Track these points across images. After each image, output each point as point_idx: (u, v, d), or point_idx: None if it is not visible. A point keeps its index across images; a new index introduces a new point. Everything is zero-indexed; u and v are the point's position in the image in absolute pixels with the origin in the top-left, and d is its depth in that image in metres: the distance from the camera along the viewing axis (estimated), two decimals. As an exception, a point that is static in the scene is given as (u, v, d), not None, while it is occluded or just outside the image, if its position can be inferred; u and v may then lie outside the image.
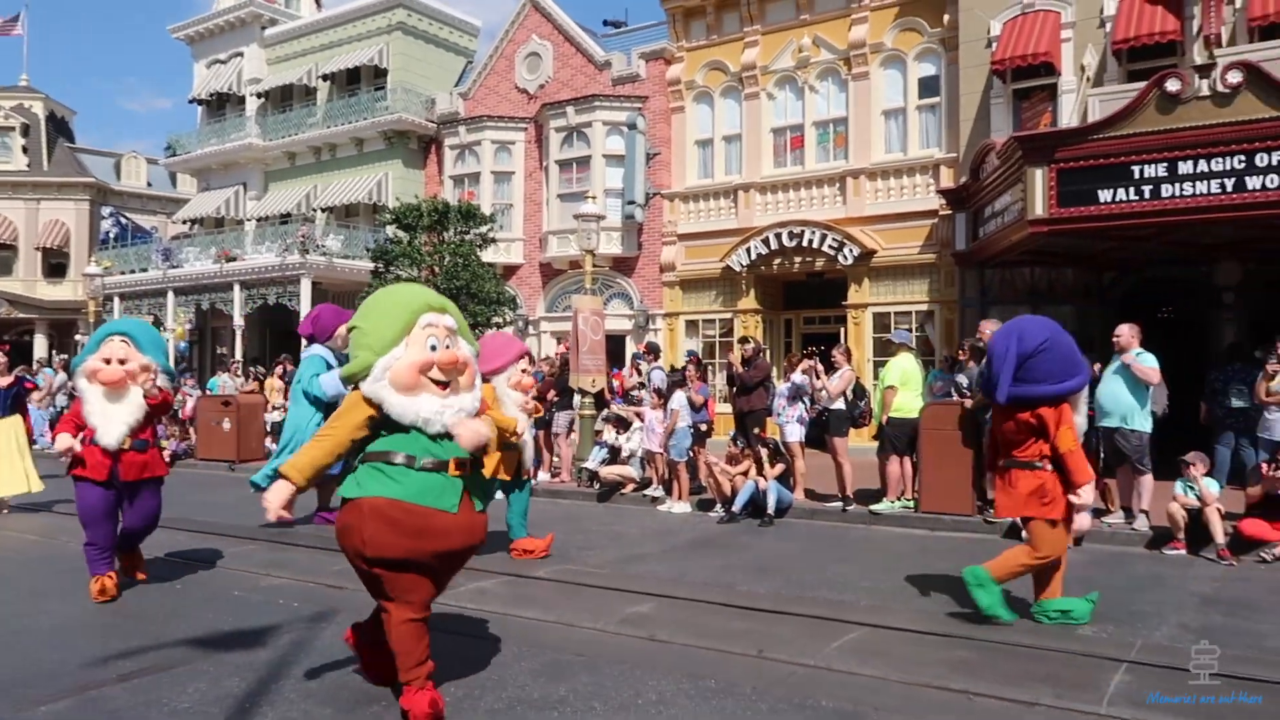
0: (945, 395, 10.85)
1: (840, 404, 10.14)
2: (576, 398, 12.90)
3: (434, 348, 3.99)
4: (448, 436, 4.00)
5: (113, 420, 6.16)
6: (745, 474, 10.12)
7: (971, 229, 15.52)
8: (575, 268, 20.84)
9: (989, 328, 9.84)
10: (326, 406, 8.76)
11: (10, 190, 34.00)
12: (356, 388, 4.02)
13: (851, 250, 17.27)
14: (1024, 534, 6.39)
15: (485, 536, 4.22)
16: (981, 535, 9.04)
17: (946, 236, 16.45)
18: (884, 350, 15.97)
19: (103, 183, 35.40)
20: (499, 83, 23.06)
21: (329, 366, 9.07)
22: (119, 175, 37.02)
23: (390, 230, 17.55)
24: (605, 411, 12.70)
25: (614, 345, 15.79)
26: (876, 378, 15.99)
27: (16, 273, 34.08)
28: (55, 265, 34.50)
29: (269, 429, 17.07)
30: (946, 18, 16.96)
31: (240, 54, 27.14)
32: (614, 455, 12.14)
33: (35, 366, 23.33)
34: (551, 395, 13.25)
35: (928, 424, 9.73)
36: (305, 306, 21.27)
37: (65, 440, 6.24)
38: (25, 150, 34.66)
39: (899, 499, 9.96)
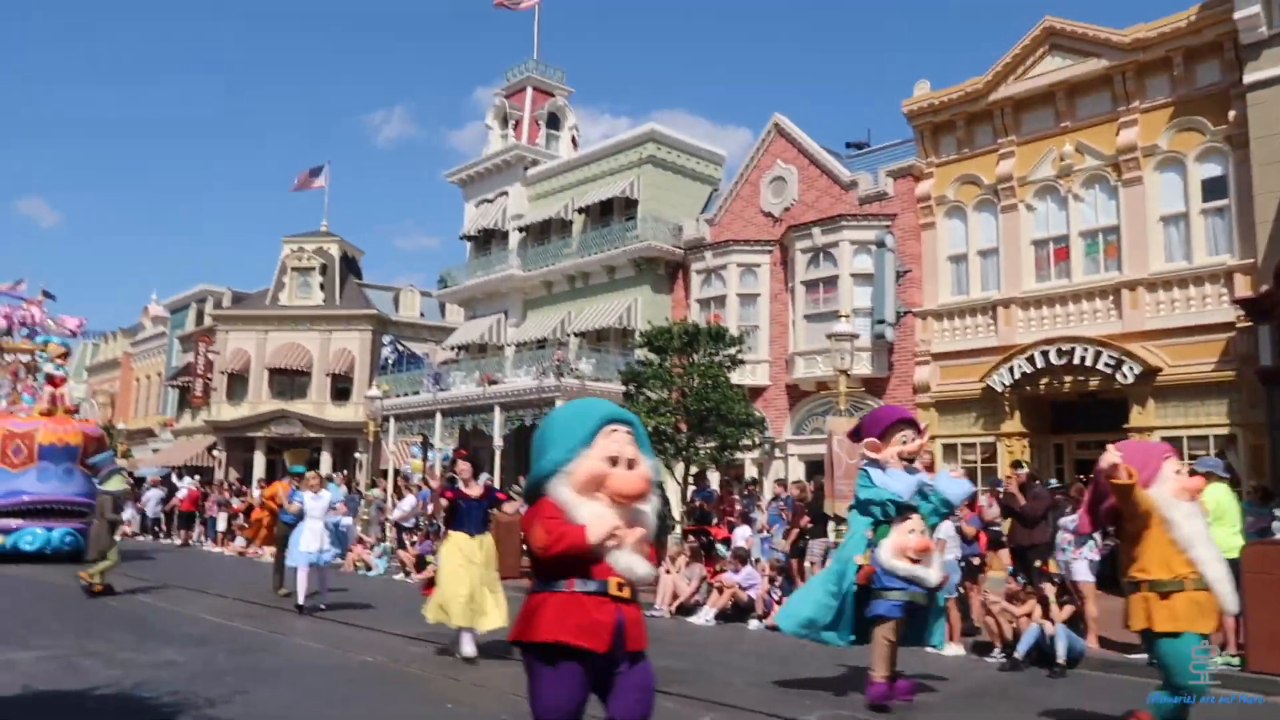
0: (1262, 531, 9.47)
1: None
2: (831, 525, 12.33)
3: None
4: None
5: (634, 557, 3.64)
6: (1029, 615, 9.12)
7: (1278, 342, 13.78)
8: (823, 389, 20.44)
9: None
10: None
11: (309, 323, 38.35)
12: None
13: (1131, 368, 15.75)
14: None
15: None
16: (1335, 705, 7.53)
17: (1247, 351, 14.69)
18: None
19: (383, 314, 39.19)
20: (744, 207, 23.54)
21: (869, 479, 7.28)
22: (397, 307, 40.88)
23: (640, 352, 18.00)
24: (864, 540, 12.02)
25: (866, 469, 15.15)
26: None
27: (309, 396, 38.03)
28: (341, 389, 38.22)
29: (524, 548, 17.53)
30: (1232, 114, 15.60)
31: (505, 193, 29.51)
32: (874, 587, 11.37)
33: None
34: (804, 522, 12.77)
35: (1253, 566, 8.38)
36: (558, 427, 22.04)
37: (635, 566, 3.63)
38: (322, 287, 39.12)
39: (1220, 654, 8.56)
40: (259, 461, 37.18)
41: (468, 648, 8.58)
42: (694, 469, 16.63)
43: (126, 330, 53.63)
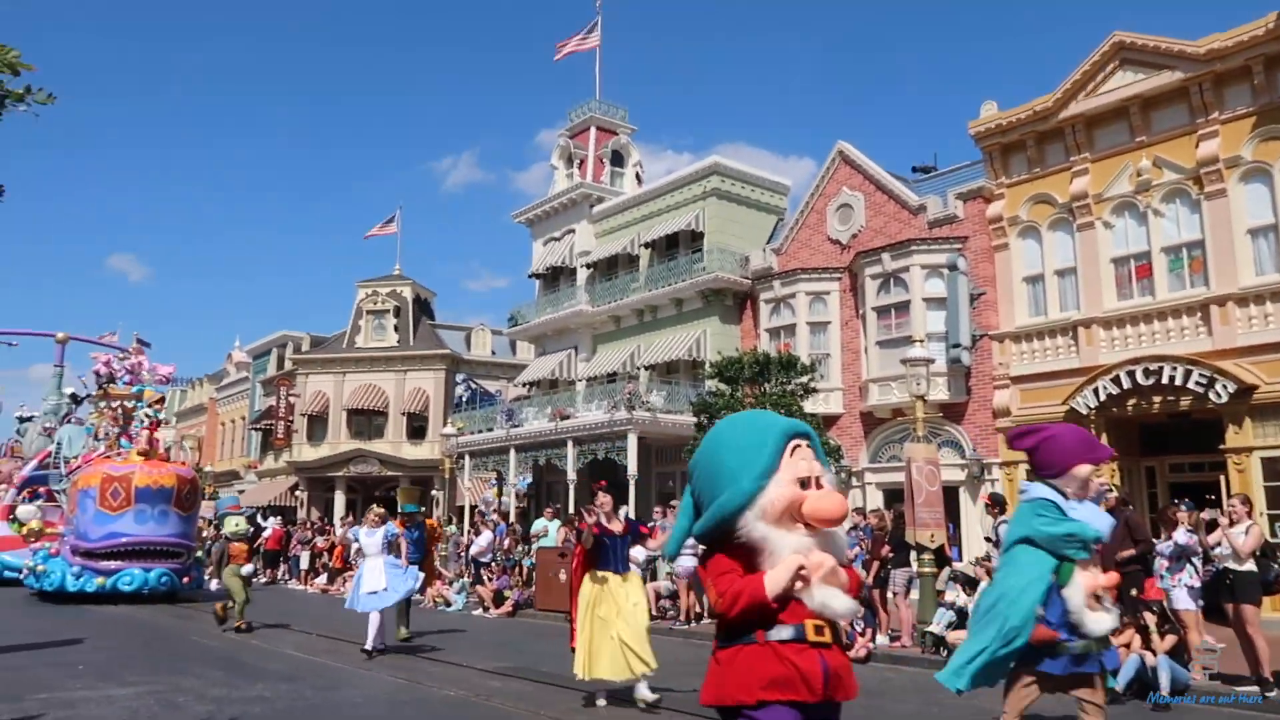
0: None
1: (1250, 565, 8.58)
2: (913, 554, 12.06)
3: None
4: None
5: (828, 590, 3.00)
6: (1127, 646, 8.76)
7: (1384, 355, 13.15)
8: (898, 416, 20.11)
9: None
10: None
11: (384, 364, 39.16)
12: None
13: (1225, 386, 15.17)
14: None
15: None
16: None
17: (1350, 365, 14.03)
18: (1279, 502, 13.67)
19: (456, 353, 39.82)
20: (811, 236, 23.43)
21: (1060, 510, 5.79)
22: (469, 346, 41.52)
23: (711, 383, 17.94)
24: (949, 570, 11.74)
25: (946, 497, 14.79)
26: (1274, 534, 13.69)
27: (386, 435, 38.74)
28: (416, 428, 38.86)
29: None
30: (1320, 121, 15.05)
31: (572, 230, 29.87)
32: (961, 618, 11.07)
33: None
34: (885, 551, 12.52)
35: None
36: (632, 460, 22.10)
37: None
38: (396, 329, 39.97)
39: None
40: (339, 500, 37.92)
41: (601, 699, 8.09)
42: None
43: (212, 376, 55.49)
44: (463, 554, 20.15)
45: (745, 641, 2.92)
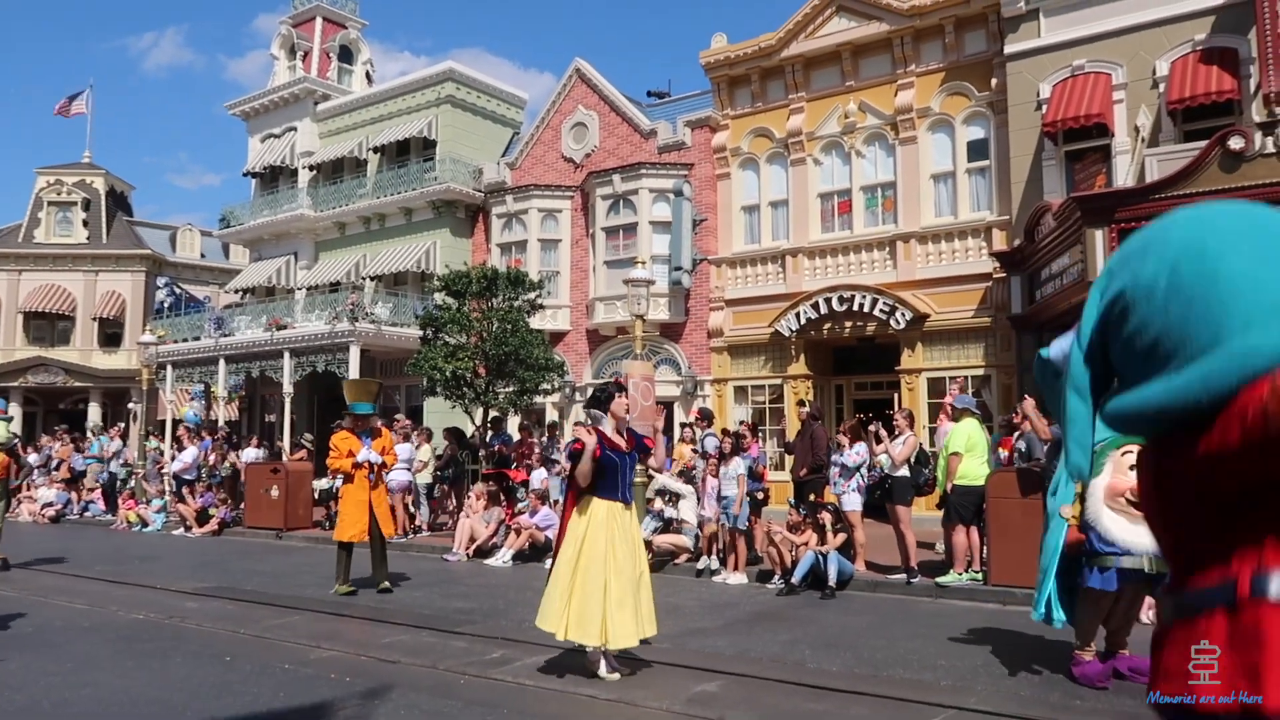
0: (1008, 462, 10.51)
1: (904, 471, 9.79)
2: (627, 465, 12.64)
3: None
4: None
5: None
6: (806, 544, 9.78)
7: (1028, 291, 15.24)
8: (622, 334, 20.80)
9: (1029, 406, 9.42)
10: None
11: (70, 263, 34.96)
12: None
13: (903, 314, 17.00)
14: None
15: None
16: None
17: (1001, 299, 16.17)
18: (939, 416, 15.62)
19: (158, 254, 36.28)
20: (545, 152, 23.37)
21: None
22: (174, 247, 37.94)
23: (438, 297, 17.63)
24: (655, 481, 12.43)
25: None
26: (933, 444, 15.56)
27: (74, 342, 34.84)
28: (111, 335, 35.24)
29: (316, 496, 17.01)
30: (994, 81, 16.91)
31: (294, 128, 27.86)
32: (666, 525, 11.84)
33: (90, 435, 23.60)
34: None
35: (995, 491, 9.33)
36: (354, 374, 21.38)
37: None
38: (86, 224, 35.70)
39: (966, 571, 9.52)
40: (14, 414, 33.82)
41: (605, 668, 6.07)
42: (493, 413, 16.59)
43: None
44: (162, 471, 18.74)
45: None
